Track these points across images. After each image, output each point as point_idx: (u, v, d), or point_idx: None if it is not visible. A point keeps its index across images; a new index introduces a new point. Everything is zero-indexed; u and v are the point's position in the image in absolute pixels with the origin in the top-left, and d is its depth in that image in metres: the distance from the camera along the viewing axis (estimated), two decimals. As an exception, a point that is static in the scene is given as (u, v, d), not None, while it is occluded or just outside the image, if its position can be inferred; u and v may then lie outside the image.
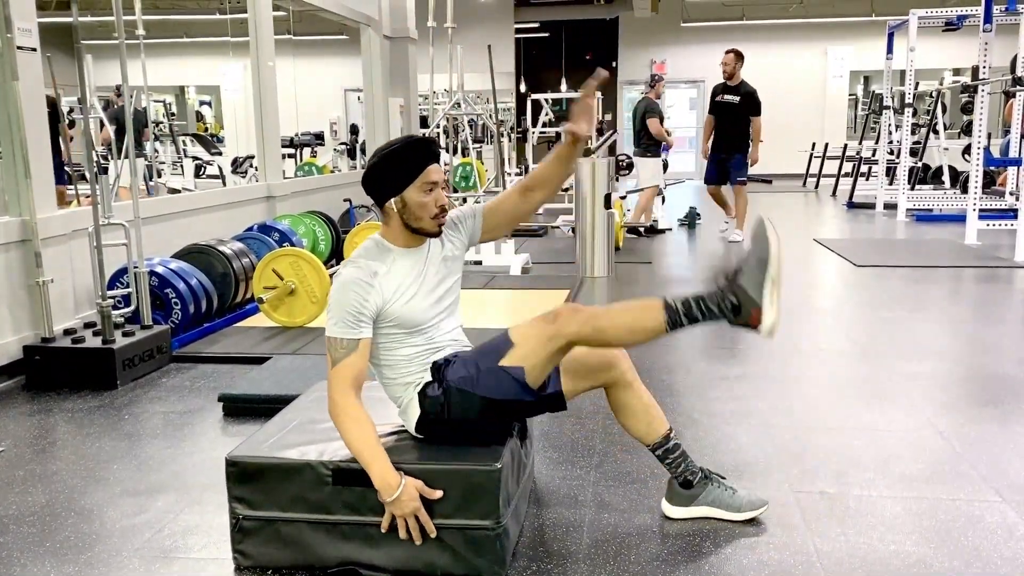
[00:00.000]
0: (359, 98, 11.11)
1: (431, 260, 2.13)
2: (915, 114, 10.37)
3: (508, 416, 2.14)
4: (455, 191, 9.34)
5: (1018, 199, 7.16)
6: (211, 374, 3.79)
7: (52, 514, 2.40)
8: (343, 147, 12.14)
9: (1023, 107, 8.53)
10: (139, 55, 5.15)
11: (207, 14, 12.85)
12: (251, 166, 10.11)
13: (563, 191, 11.96)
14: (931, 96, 11.80)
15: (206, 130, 14.06)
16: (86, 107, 3.98)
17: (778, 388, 3.45)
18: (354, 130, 11.92)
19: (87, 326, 3.96)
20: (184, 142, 11.29)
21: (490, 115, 9.06)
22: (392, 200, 2.05)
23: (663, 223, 8.79)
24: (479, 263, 6.39)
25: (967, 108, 11.23)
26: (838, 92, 16.82)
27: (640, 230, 8.28)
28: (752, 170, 7.88)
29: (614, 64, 17.44)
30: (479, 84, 11.56)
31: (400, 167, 2.03)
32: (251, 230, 5.59)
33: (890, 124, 10.55)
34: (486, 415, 2.07)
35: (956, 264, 6.32)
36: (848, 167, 12.38)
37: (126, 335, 3.77)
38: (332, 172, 10.44)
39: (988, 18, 7.42)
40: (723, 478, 2.31)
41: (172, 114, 12.32)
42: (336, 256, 6.34)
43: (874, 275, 5.96)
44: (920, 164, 11.02)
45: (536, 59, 17.46)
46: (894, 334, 4.30)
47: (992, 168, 9.56)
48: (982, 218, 7.41)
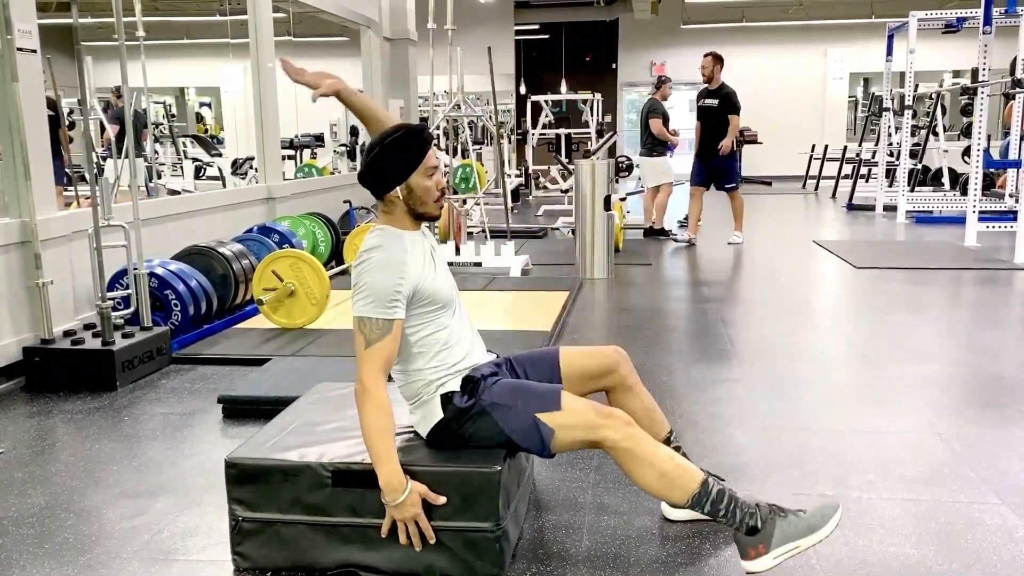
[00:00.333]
0: (359, 100, 11.07)
1: (430, 240, 2.18)
2: (915, 116, 10.38)
3: (512, 452, 2.12)
4: (455, 193, 9.33)
5: (1018, 201, 7.16)
6: (211, 376, 3.79)
7: (51, 516, 2.40)
8: (343, 149, 12.13)
9: (1023, 109, 8.54)
10: (139, 57, 5.16)
11: (207, 16, 12.86)
12: (251, 167, 10.11)
13: (563, 192, 12.01)
14: (931, 98, 11.81)
15: (206, 131, 14.07)
16: (86, 108, 3.99)
17: (778, 390, 3.45)
18: (354, 132, 11.91)
19: (87, 327, 3.96)
20: (184, 143, 11.30)
21: (490, 117, 9.07)
22: (397, 188, 2.05)
23: (660, 224, 8.79)
24: (479, 264, 6.38)
25: (967, 110, 11.24)
26: (838, 94, 16.84)
27: (666, 230, 8.29)
28: (752, 172, 7.90)
29: (614, 66, 17.46)
30: (479, 86, 11.57)
31: (403, 155, 2.04)
32: (251, 231, 5.59)
33: (890, 126, 10.56)
34: (496, 445, 2.06)
35: (956, 266, 6.32)
36: (848, 169, 12.39)
37: (126, 337, 3.77)
38: (332, 174, 10.44)
39: (988, 20, 7.43)
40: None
41: (172, 115, 12.32)
42: (336, 258, 6.34)
43: (874, 277, 5.96)
44: (920, 166, 11.03)
45: (536, 61, 17.48)
46: (894, 336, 4.30)
47: (992, 170, 9.57)
48: (982, 220, 7.42)
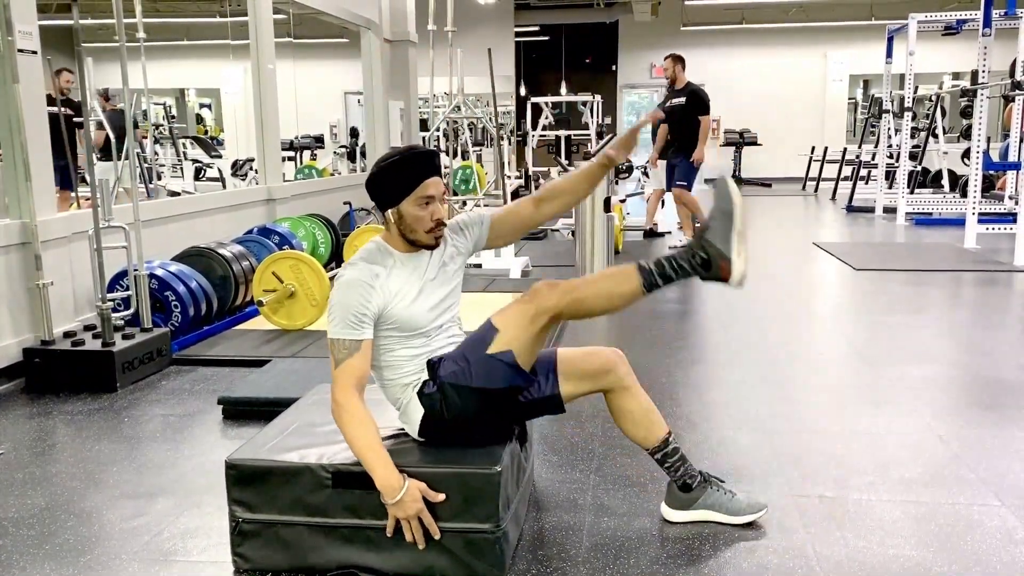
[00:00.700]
0: (359, 101, 11.11)
1: (432, 265, 2.14)
2: (914, 118, 10.38)
3: (505, 409, 2.13)
4: (455, 194, 9.34)
5: (1017, 203, 7.16)
6: (211, 377, 3.79)
7: (51, 517, 2.40)
8: (343, 150, 12.15)
9: (1022, 111, 8.55)
10: (139, 58, 5.17)
11: (207, 17, 12.86)
12: (251, 169, 10.12)
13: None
14: (930, 100, 11.81)
15: (206, 133, 14.07)
16: (86, 110, 3.99)
17: (777, 392, 3.45)
18: (354, 133, 11.94)
19: (87, 329, 3.97)
20: (184, 145, 11.30)
21: (490, 118, 9.07)
22: (390, 211, 2.06)
23: (662, 226, 8.80)
24: (479, 266, 6.39)
25: (966, 112, 11.24)
26: (837, 96, 16.84)
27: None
28: (752, 173, 7.85)
29: (614, 67, 17.47)
30: (479, 87, 11.56)
31: (397, 179, 2.04)
32: (251, 233, 5.59)
33: (889, 128, 10.56)
34: (483, 410, 2.07)
35: (955, 268, 6.32)
36: (847, 171, 12.38)
37: (126, 338, 3.78)
38: (332, 175, 10.46)
39: (987, 22, 7.44)
40: (722, 482, 2.31)
41: (172, 117, 12.32)
42: (336, 259, 6.34)
43: (873, 279, 5.96)
44: (919, 168, 11.04)
45: (536, 62, 17.48)
46: (893, 338, 4.31)
47: (991, 172, 9.57)
48: (981, 222, 7.42)
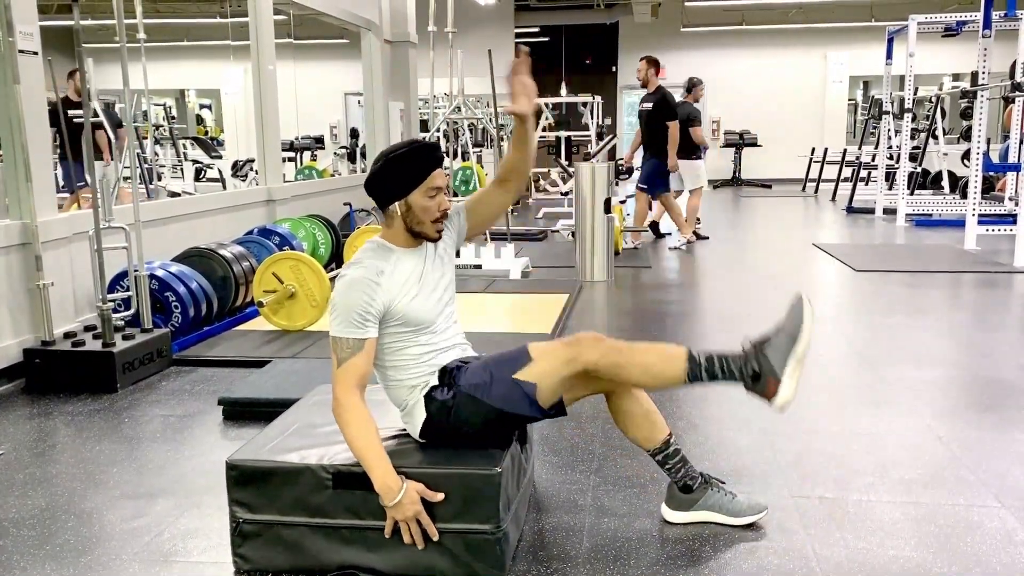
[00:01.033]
0: (359, 102, 11.13)
1: (429, 259, 2.15)
2: (914, 119, 10.38)
3: (510, 427, 2.14)
4: (455, 195, 9.35)
5: (1017, 204, 7.17)
6: (211, 378, 3.79)
7: (52, 517, 2.40)
8: (343, 151, 12.17)
9: (1022, 112, 8.55)
10: (140, 59, 5.17)
11: (208, 18, 12.87)
12: (251, 169, 10.12)
13: (563, 195, 12.02)
14: (930, 101, 11.82)
15: (206, 133, 14.07)
16: (87, 110, 3.99)
17: (777, 393, 3.45)
18: (354, 134, 11.95)
19: (87, 329, 3.97)
20: (184, 145, 11.30)
21: (490, 119, 9.08)
22: (396, 204, 2.06)
23: (663, 227, 8.80)
24: (479, 267, 6.39)
25: (966, 113, 11.24)
26: (837, 97, 16.85)
27: (699, 232, 8.29)
28: (752, 175, 7.83)
29: (614, 69, 17.47)
30: (479, 88, 11.56)
31: (406, 171, 2.04)
32: (251, 233, 5.59)
33: (889, 129, 10.56)
34: (490, 424, 2.08)
35: (955, 269, 6.32)
36: (847, 172, 12.39)
37: (126, 338, 3.78)
38: (332, 176, 10.46)
39: (987, 24, 7.44)
40: (723, 483, 2.31)
41: (172, 117, 12.33)
42: (336, 260, 6.34)
43: (873, 280, 5.96)
44: (919, 169, 11.04)
45: (536, 63, 17.40)
46: (893, 339, 4.31)
47: (991, 173, 9.57)
48: (981, 223, 7.42)
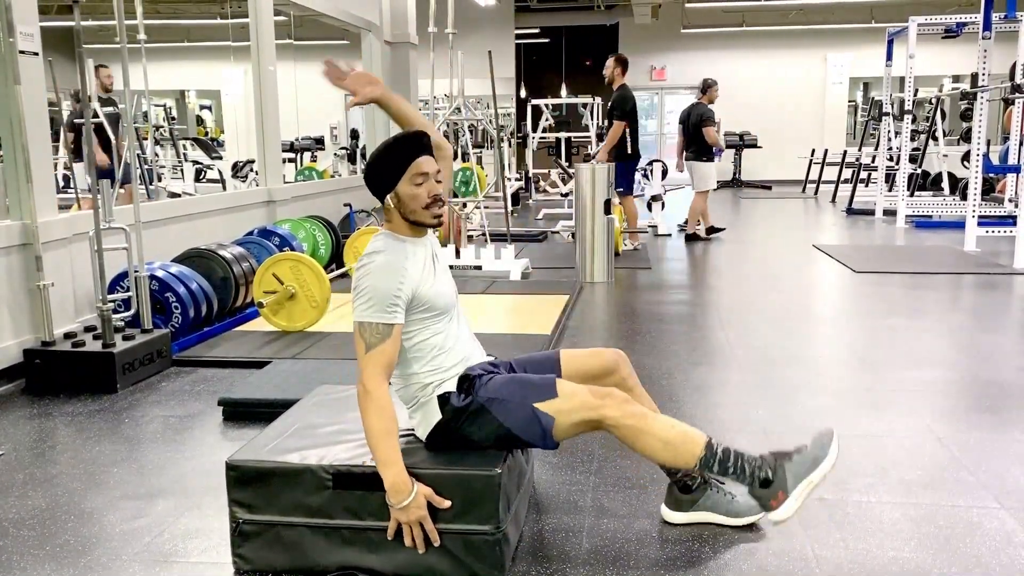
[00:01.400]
0: (359, 103, 11.09)
1: (431, 247, 2.19)
2: (914, 121, 10.38)
3: (517, 447, 2.14)
4: (455, 196, 9.34)
5: (1017, 206, 7.16)
6: (211, 378, 3.79)
7: (52, 518, 2.40)
8: (343, 152, 12.15)
9: (1022, 114, 8.55)
10: (140, 59, 5.18)
11: (208, 19, 12.87)
12: (251, 170, 10.12)
13: (563, 196, 12.02)
14: (930, 103, 11.81)
15: (206, 134, 14.07)
16: (87, 111, 4.00)
17: (777, 394, 3.46)
18: (354, 135, 11.94)
19: (87, 330, 3.97)
20: (184, 146, 11.30)
21: (490, 120, 9.08)
22: (389, 196, 2.08)
23: (662, 228, 8.82)
24: (479, 268, 6.39)
25: (966, 115, 11.24)
26: (838, 99, 16.85)
27: (699, 234, 8.30)
28: (751, 176, 7.79)
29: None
30: (479, 89, 11.58)
31: (392, 162, 2.07)
32: (251, 234, 5.59)
33: (889, 131, 10.56)
34: (499, 440, 2.08)
35: (955, 271, 6.33)
36: (847, 173, 12.40)
37: (126, 339, 3.78)
38: (332, 177, 10.45)
39: (987, 25, 7.44)
40: (722, 483, 2.31)
41: (172, 118, 12.33)
42: (336, 261, 6.34)
43: (873, 281, 5.97)
44: (919, 171, 11.03)
45: (536, 64, 17.51)
46: (893, 340, 4.31)
47: (991, 175, 9.57)
48: (981, 225, 7.42)
